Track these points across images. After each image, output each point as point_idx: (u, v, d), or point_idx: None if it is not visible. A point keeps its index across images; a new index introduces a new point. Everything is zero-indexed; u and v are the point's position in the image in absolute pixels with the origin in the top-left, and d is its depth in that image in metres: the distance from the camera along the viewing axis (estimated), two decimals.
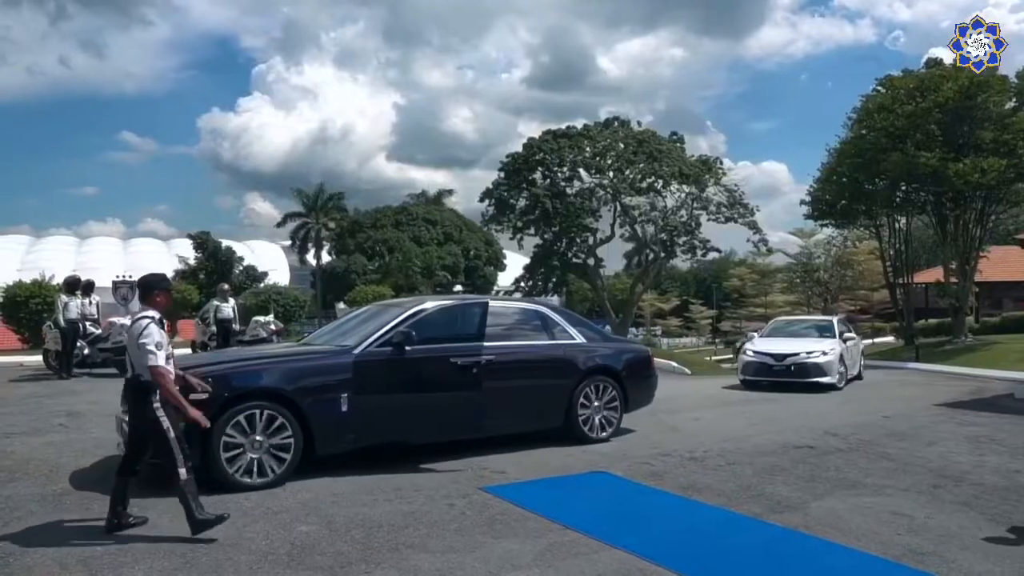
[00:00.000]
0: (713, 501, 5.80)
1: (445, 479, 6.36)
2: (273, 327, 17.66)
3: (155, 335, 4.74)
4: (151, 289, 5.08)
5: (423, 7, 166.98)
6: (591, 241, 32.32)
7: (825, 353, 13.72)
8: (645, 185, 31.46)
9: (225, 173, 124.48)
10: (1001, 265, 32.40)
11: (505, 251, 50.58)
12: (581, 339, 8.23)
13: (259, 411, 5.86)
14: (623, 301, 36.29)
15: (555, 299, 34.52)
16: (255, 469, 5.80)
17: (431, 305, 7.37)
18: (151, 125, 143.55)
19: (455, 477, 6.43)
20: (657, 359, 18.98)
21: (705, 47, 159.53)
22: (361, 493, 5.86)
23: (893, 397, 12.93)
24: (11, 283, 20.53)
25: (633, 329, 38.11)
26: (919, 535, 4.98)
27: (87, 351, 14.01)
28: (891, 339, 33.13)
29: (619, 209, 31.74)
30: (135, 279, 26.85)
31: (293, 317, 26.04)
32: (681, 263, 41.11)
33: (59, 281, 16.99)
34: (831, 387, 13.50)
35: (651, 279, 36.64)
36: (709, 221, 32.29)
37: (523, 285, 34.03)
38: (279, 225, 53.52)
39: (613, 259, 53.36)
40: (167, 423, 4.69)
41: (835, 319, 16.20)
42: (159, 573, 4.17)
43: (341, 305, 30.84)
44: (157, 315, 4.90)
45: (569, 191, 31.60)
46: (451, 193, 61.29)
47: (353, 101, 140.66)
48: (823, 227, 31.17)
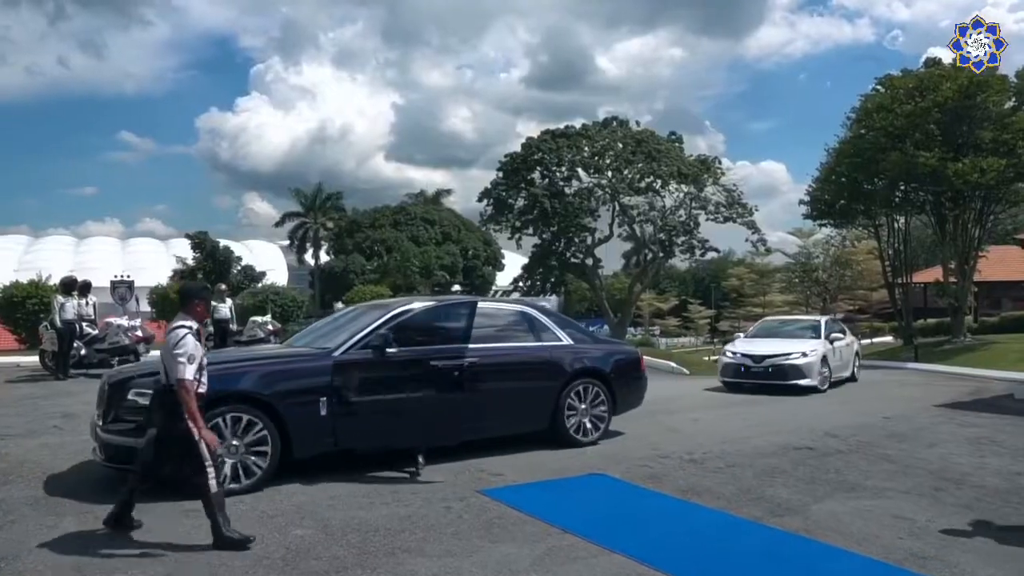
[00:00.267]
0: (713, 504, 5.76)
1: (442, 481, 6.30)
2: (270, 327, 17.61)
3: (190, 347, 4.67)
4: (191, 298, 5.01)
5: (422, 7, 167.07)
6: (589, 241, 32.27)
7: (805, 355, 13.34)
8: (644, 185, 31.39)
9: (223, 173, 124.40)
10: (1000, 265, 32.36)
11: (504, 251, 50.44)
12: (568, 340, 8.16)
13: (236, 415, 5.76)
14: (621, 301, 36.23)
15: (553, 299, 34.49)
16: (230, 474, 5.67)
17: (415, 306, 7.25)
18: (150, 125, 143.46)
19: (452, 479, 6.39)
20: (655, 359, 19.19)
21: (704, 47, 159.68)
22: (357, 496, 5.81)
23: (893, 397, 12.89)
24: (8, 283, 20.43)
25: (631, 329, 38.04)
26: (921, 539, 4.93)
27: (84, 352, 13.90)
28: (890, 339, 33.10)
29: (617, 209, 31.70)
30: (132, 279, 26.76)
31: (291, 317, 25.95)
32: (679, 263, 41.15)
33: (56, 281, 16.89)
34: (812, 390, 13.09)
35: (649, 279, 36.60)
36: (708, 221, 32.26)
37: (521, 285, 33.96)
38: (277, 225, 53.58)
39: (611, 259, 53.23)
40: (196, 435, 4.60)
41: (823, 320, 15.71)
42: None
43: (339, 305, 30.73)
44: (195, 325, 4.83)
45: (567, 191, 31.54)
46: (449, 193, 61.04)
47: (352, 101, 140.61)
48: (822, 227, 31.12)
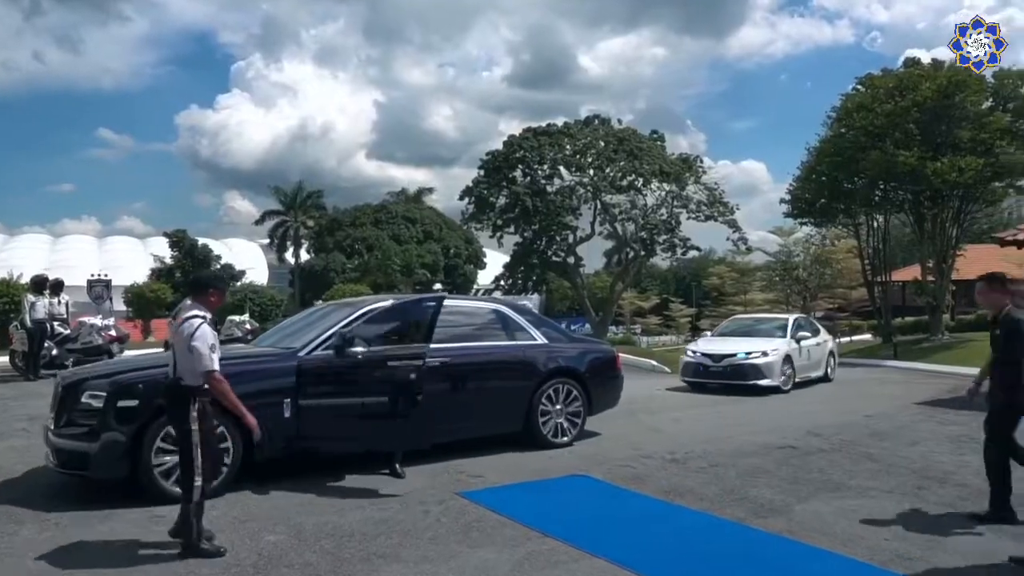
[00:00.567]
0: (696, 505, 5.67)
1: (420, 483, 6.18)
2: (248, 326, 17.41)
3: (209, 336, 4.44)
4: (205, 287, 4.75)
5: (404, 4, 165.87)
6: (571, 239, 32.20)
7: (766, 354, 12.98)
8: (625, 183, 31.36)
9: (204, 170, 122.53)
10: (977, 264, 32.29)
11: (485, 249, 50.31)
12: (543, 339, 8.03)
13: None
14: (603, 299, 36.18)
15: (535, 297, 34.35)
16: None
17: (384, 304, 7.02)
18: (128, 122, 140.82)
19: (431, 481, 6.26)
20: (637, 358, 19.09)
21: (686, 46, 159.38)
22: (333, 499, 5.67)
23: (873, 395, 12.90)
24: None
25: (613, 327, 37.99)
26: (905, 539, 4.87)
27: (55, 352, 13.60)
28: (868, 337, 33.32)
29: (599, 207, 31.65)
30: (110, 278, 26.31)
31: (269, 316, 25.71)
32: (661, 261, 40.99)
33: (28, 280, 16.52)
34: (774, 390, 12.73)
35: (631, 277, 36.58)
36: (689, 219, 32.27)
37: (503, 284, 33.83)
38: (257, 223, 52.79)
39: (593, 257, 53.07)
40: (198, 437, 4.42)
41: (791, 318, 15.19)
42: None
43: (318, 303, 30.48)
44: (209, 315, 4.58)
45: (549, 189, 31.45)
46: (431, 191, 60.58)
47: (333, 99, 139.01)
48: (802, 225, 31.21)
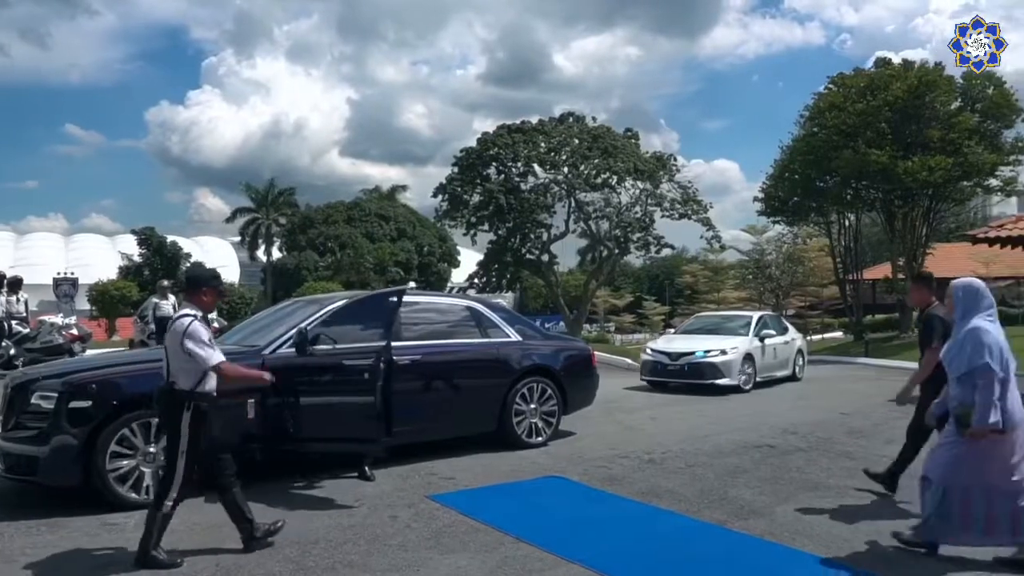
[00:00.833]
0: (674, 507, 5.52)
1: (389, 486, 5.97)
2: (216, 325, 16.94)
3: (201, 332, 4.26)
4: (199, 285, 4.52)
5: (378, 1, 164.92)
6: (545, 237, 32.04)
7: (724, 352, 12.64)
8: (600, 181, 31.26)
9: (174, 167, 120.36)
10: (946, 261, 32.96)
11: (459, 247, 50.04)
12: (517, 337, 7.86)
13: (150, 421, 5.20)
14: (577, 298, 36.10)
15: (509, 295, 34.23)
16: (148, 483, 5.20)
17: (352, 301, 6.74)
18: (97, 118, 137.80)
19: (401, 484, 6.06)
20: (611, 355, 19.00)
21: (660, 46, 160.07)
22: (297, 504, 5.44)
23: (848, 393, 12.88)
24: None
25: (587, 325, 37.94)
26: (888, 540, 4.75)
27: (13, 351, 13.13)
28: (839, 334, 33.63)
29: (573, 205, 31.51)
30: (76, 276, 25.68)
31: (239, 314, 25.28)
32: (635, 259, 40.97)
33: None
34: (733, 389, 12.43)
35: (605, 275, 36.50)
36: (663, 217, 32.21)
37: (476, 282, 33.57)
38: (228, 220, 51.92)
39: (567, 255, 52.97)
40: (184, 447, 4.21)
41: (756, 315, 14.86)
42: None
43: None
44: (200, 313, 4.38)
45: (523, 187, 31.23)
46: (405, 189, 59.94)
47: (306, 96, 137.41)
48: (775, 223, 31.39)
